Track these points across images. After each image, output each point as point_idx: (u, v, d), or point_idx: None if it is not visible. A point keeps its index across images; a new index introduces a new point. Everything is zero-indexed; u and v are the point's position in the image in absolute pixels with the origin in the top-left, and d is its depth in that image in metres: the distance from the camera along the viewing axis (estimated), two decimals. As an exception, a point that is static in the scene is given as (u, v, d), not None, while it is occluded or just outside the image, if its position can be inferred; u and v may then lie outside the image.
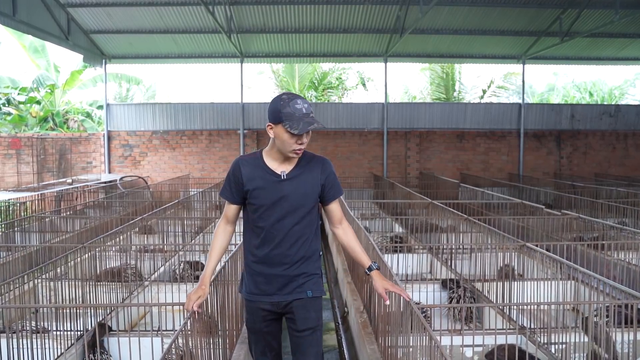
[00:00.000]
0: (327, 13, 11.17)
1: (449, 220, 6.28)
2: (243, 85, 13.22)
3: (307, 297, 2.29)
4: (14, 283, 3.74)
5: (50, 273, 4.19)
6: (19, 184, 11.81)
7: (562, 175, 13.16)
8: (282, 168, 2.22)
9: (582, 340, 2.95)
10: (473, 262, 4.81)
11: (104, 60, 12.85)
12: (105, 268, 4.59)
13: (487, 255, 4.57)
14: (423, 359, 2.27)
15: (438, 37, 12.27)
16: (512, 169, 13.53)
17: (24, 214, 7.57)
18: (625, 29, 11.82)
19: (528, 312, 3.91)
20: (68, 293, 4.04)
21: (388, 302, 2.40)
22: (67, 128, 16.87)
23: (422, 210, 7.15)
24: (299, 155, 2.19)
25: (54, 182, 11.64)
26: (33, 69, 17.57)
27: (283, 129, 2.09)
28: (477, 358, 3.23)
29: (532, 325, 3.58)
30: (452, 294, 4.19)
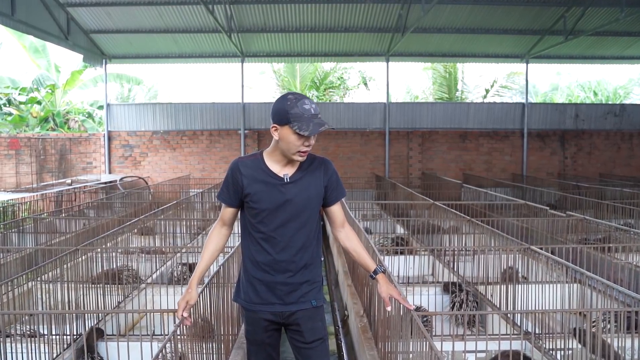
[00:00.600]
0: (328, 12, 11.09)
1: (452, 222, 6.19)
2: (244, 85, 13.15)
3: (311, 307, 2.20)
4: (6, 286, 3.67)
5: (45, 275, 4.12)
6: (18, 185, 11.76)
7: (566, 176, 13.03)
8: (284, 171, 2.13)
9: (587, 346, 2.85)
10: (476, 264, 4.72)
11: (104, 60, 12.79)
12: (102, 270, 4.52)
13: (490, 258, 4.48)
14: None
15: (440, 36, 12.16)
16: (515, 169, 13.40)
17: (23, 215, 7.52)
18: (630, 27, 11.68)
19: (533, 316, 3.82)
20: (63, 296, 3.97)
21: (389, 308, 2.35)
22: (67, 128, 16.83)
23: (424, 211, 7.07)
24: (304, 158, 2.10)
25: (54, 182, 11.58)
26: (33, 69, 17.56)
27: (290, 131, 1.99)
28: (480, 364, 3.13)
29: (536, 330, 3.49)
30: (454, 298, 4.10)
